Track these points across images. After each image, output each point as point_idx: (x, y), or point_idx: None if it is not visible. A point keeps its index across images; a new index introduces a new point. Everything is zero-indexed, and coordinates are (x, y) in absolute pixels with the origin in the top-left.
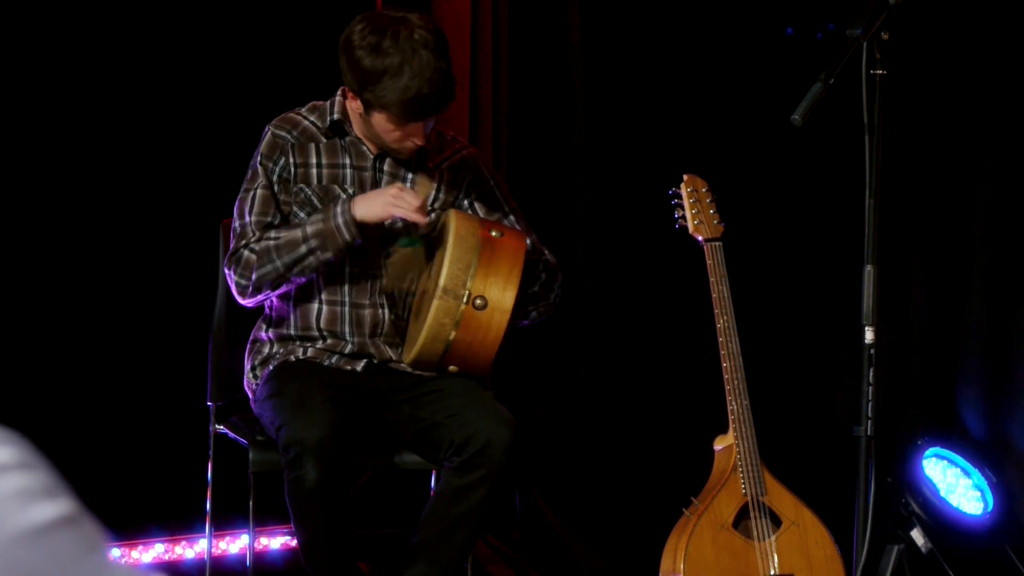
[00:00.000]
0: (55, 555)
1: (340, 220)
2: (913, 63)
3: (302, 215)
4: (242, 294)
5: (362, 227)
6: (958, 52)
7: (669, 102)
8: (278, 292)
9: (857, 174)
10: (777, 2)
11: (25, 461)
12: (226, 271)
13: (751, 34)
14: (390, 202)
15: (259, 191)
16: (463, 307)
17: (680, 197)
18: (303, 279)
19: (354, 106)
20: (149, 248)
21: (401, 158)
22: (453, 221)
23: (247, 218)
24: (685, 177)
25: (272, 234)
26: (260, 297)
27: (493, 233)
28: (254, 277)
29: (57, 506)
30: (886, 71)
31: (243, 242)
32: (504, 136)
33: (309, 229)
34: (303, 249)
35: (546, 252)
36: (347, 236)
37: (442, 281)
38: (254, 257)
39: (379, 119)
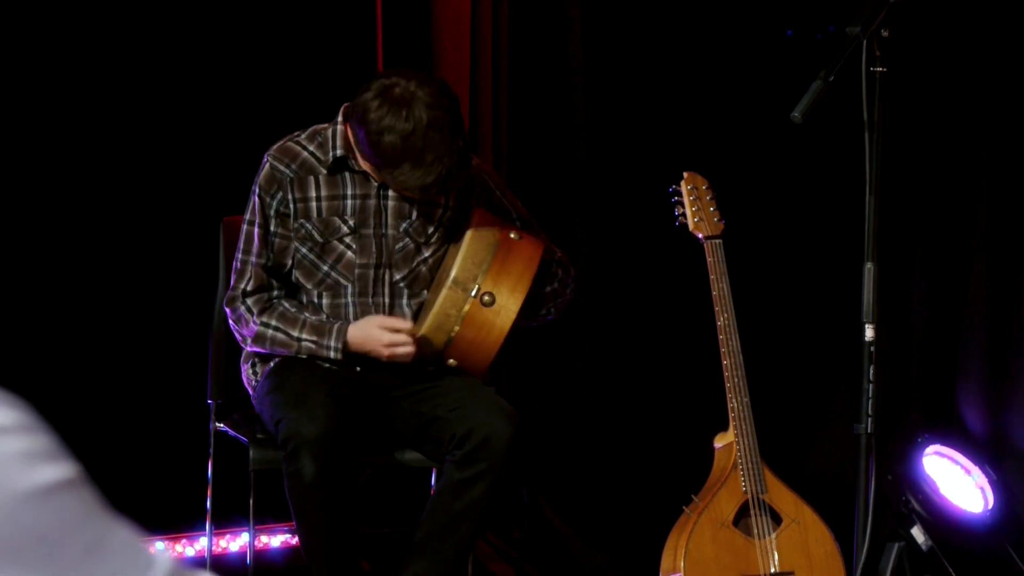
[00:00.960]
0: (59, 516)
1: (333, 353)
2: (913, 60)
3: (303, 250)
4: (237, 340)
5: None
6: (958, 49)
7: (669, 100)
8: None
9: (857, 171)
10: (778, 1)
11: (27, 424)
12: (226, 310)
13: (752, 32)
14: (384, 354)
15: (256, 230)
16: (471, 300)
17: (680, 195)
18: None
19: (366, 165)
20: (150, 246)
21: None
22: (475, 217)
23: (248, 256)
24: (685, 175)
25: (272, 322)
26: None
27: (512, 235)
28: (248, 342)
29: (60, 468)
30: (886, 68)
31: (241, 286)
32: (504, 134)
33: (304, 344)
34: (292, 350)
35: (557, 251)
36: (333, 357)
37: (454, 272)
38: (252, 328)
39: (394, 184)
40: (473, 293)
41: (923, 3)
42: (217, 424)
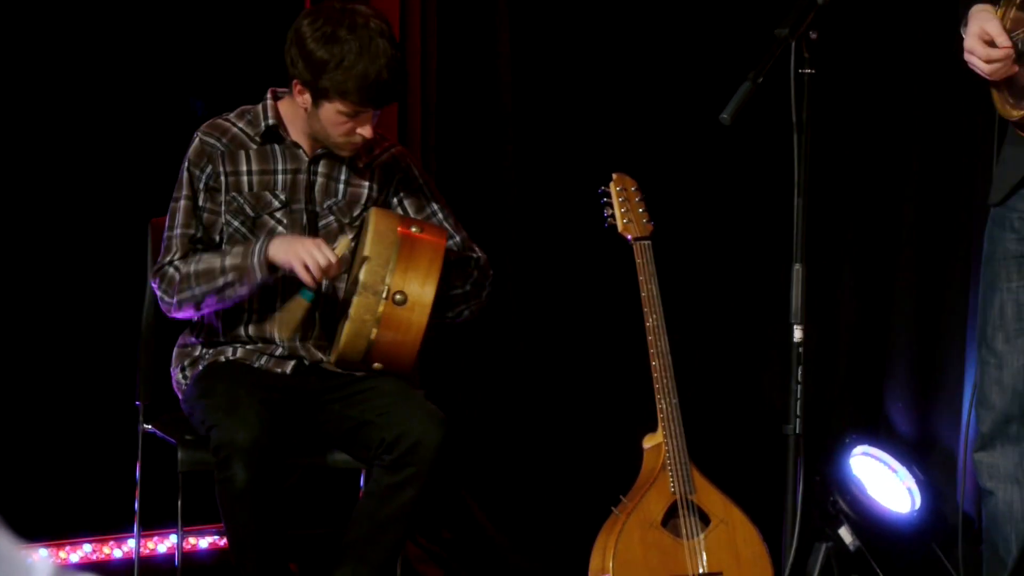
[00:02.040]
0: None
1: (255, 260)
2: (842, 61)
3: (235, 223)
4: (166, 311)
5: (274, 267)
6: (886, 50)
7: (598, 101)
8: (203, 312)
9: (786, 173)
10: (707, 2)
11: None
12: (152, 283)
13: (680, 32)
14: (299, 256)
15: (183, 203)
16: (383, 303)
17: (609, 196)
18: (225, 304)
19: (300, 100)
20: (78, 247)
21: (343, 154)
22: (372, 218)
23: (173, 231)
24: (614, 176)
25: (194, 260)
26: (183, 315)
27: (413, 229)
28: (175, 299)
29: None
30: (814, 70)
31: (168, 258)
32: (432, 134)
33: (228, 262)
34: (220, 281)
35: (476, 249)
36: (258, 275)
37: (361, 277)
38: (177, 277)
39: (329, 111)
40: (384, 295)
41: (851, 5)
42: (145, 425)
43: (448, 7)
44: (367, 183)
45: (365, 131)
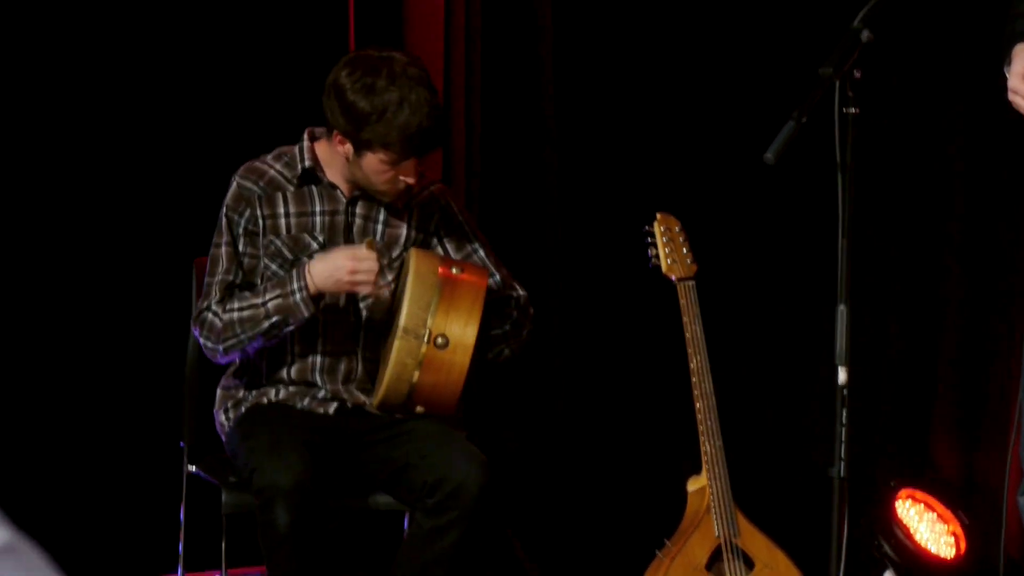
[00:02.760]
0: None
1: (299, 297)
2: (886, 100)
3: (273, 267)
4: (211, 357)
5: (320, 298)
6: (931, 89)
7: (642, 140)
8: (249, 354)
9: (830, 212)
10: (753, 42)
11: (10, 546)
12: (194, 330)
13: (723, 72)
14: (347, 280)
15: (224, 248)
16: (425, 346)
17: (653, 236)
18: (272, 343)
19: (342, 150)
20: (122, 288)
21: (386, 200)
22: (412, 260)
23: (214, 277)
24: (658, 216)
25: (236, 304)
26: (229, 359)
27: (453, 270)
28: (221, 347)
29: None
30: (859, 109)
31: (206, 303)
32: (477, 172)
33: (270, 304)
34: (265, 325)
35: (517, 287)
36: (306, 313)
37: (402, 321)
38: (219, 324)
39: (372, 161)
40: (426, 338)
41: (896, 43)
42: (190, 467)
43: (492, 47)
44: (405, 223)
45: (409, 179)
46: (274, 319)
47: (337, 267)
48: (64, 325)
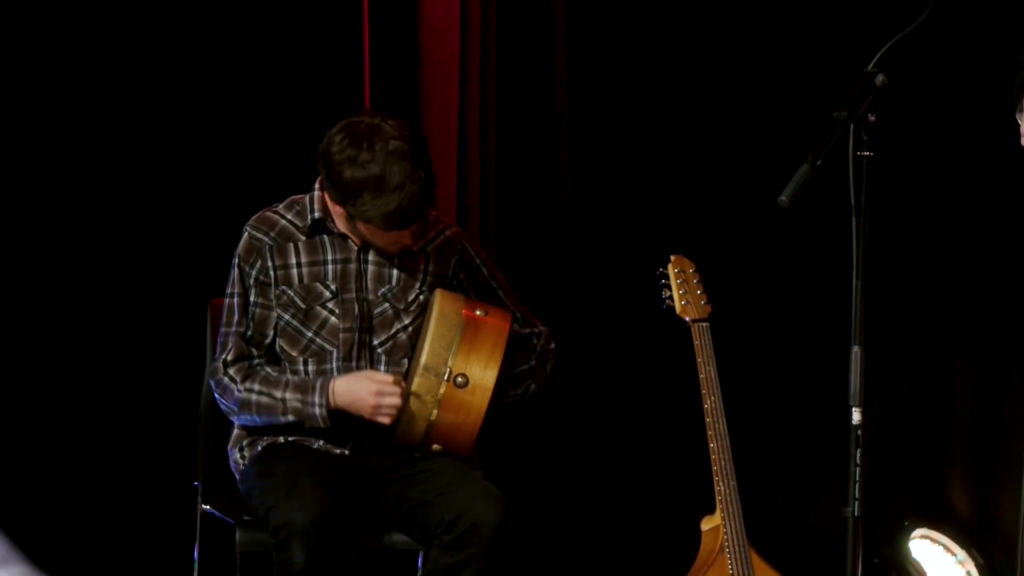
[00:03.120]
0: None
1: (317, 412)
2: (901, 143)
3: (287, 317)
4: (226, 414)
5: (337, 412)
6: (945, 132)
7: (658, 182)
8: None
9: (845, 254)
10: (768, 84)
11: (2, 557)
12: (209, 382)
13: (736, 115)
14: (368, 411)
15: (236, 300)
16: (444, 385)
17: (667, 277)
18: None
19: (335, 211)
20: (139, 327)
21: (392, 253)
22: (437, 299)
23: (229, 328)
24: (672, 258)
25: (256, 387)
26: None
27: (477, 312)
28: (236, 416)
29: (10, 573)
30: (873, 152)
31: (223, 356)
32: (492, 214)
33: (289, 405)
34: (281, 419)
35: (538, 323)
36: (321, 424)
37: (423, 359)
38: (237, 396)
39: (364, 228)
40: (446, 377)
41: (911, 87)
42: (204, 506)
43: (507, 88)
44: (422, 267)
45: (405, 240)
46: (290, 417)
47: (360, 397)
48: (81, 364)
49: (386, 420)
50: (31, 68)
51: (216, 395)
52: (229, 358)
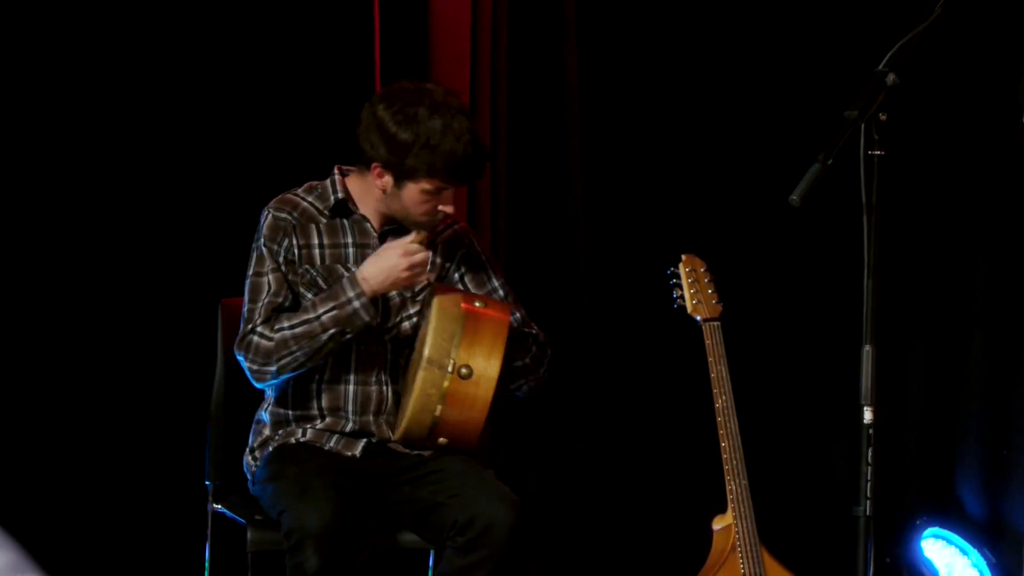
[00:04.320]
0: None
1: (357, 304)
2: (911, 142)
3: (309, 296)
4: (260, 380)
5: (378, 301)
6: (956, 131)
7: (668, 181)
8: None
9: (856, 253)
10: (779, 83)
11: (16, 566)
12: (238, 356)
13: (748, 113)
14: (404, 276)
15: (270, 276)
16: (449, 376)
17: (678, 277)
18: (323, 360)
19: (380, 183)
20: (148, 326)
21: (424, 230)
22: (437, 295)
23: (257, 303)
24: (683, 257)
25: (285, 323)
26: (279, 381)
27: (476, 304)
28: (274, 368)
29: None
30: (884, 152)
31: (250, 326)
32: (502, 213)
33: (325, 317)
34: (323, 337)
35: (535, 328)
36: (367, 318)
37: (427, 352)
38: (270, 345)
39: (413, 191)
40: (450, 369)
41: (921, 85)
42: (215, 505)
43: (518, 85)
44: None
45: (447, 208)
46: (332, 331)
47: (392, 265)
48: (91, 364)
49: (422, 279)
50: (36, 66)
51: (246, 364)
52: (259, 324)
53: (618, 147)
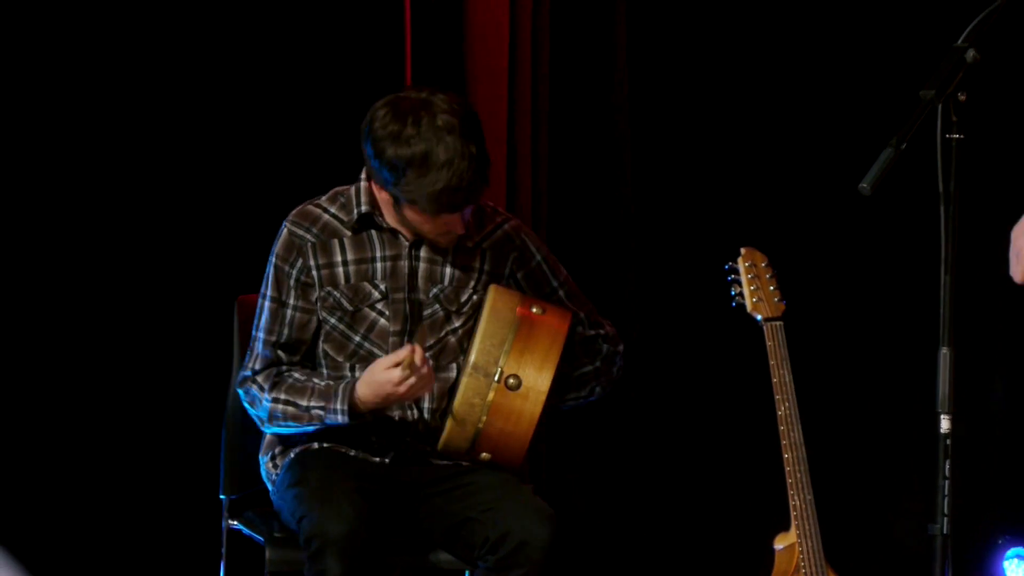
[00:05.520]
0: None
1: (340, 418)
2: (993, 124)
3: (332, 320)
4: (258, 426)
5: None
6: None
7: (726, 167)
8: None
9: (932, 247)
10: (847, 59)
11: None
12: (238, 391)
13: (815, 93)
14: (402, 394)
15: (268, 304)
16: (495, 386)
17: (737, 272)
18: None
19: (381, 197)
20: (161, 326)
21: (443, 246)
22: (491, 295)
23: (257, 333)
24: (743, 251)
25: (281, 396)
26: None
27: (534, 310)
28: (267, 427)
29: None
30: (963, 135)
31: (251, 364)
32: (544, 206)
33: (313, 412)
34: (310, 426)
35: (605, 324)
36: (345, 425)
37: (473, 357)
38: (264, 405)
39: (411, 213)
40: (496, 378)
41: (1005, 63)
42: (230, 521)
43: (560, 68)
44: (477, 265)
45: (455, 228)
46: (317, 425)
47: (381, 384)
48: (101, 367)
49: (426, 392)
50: (56, 63)
51: (246, 405)
52: (257, 367)
53: (670, 131)
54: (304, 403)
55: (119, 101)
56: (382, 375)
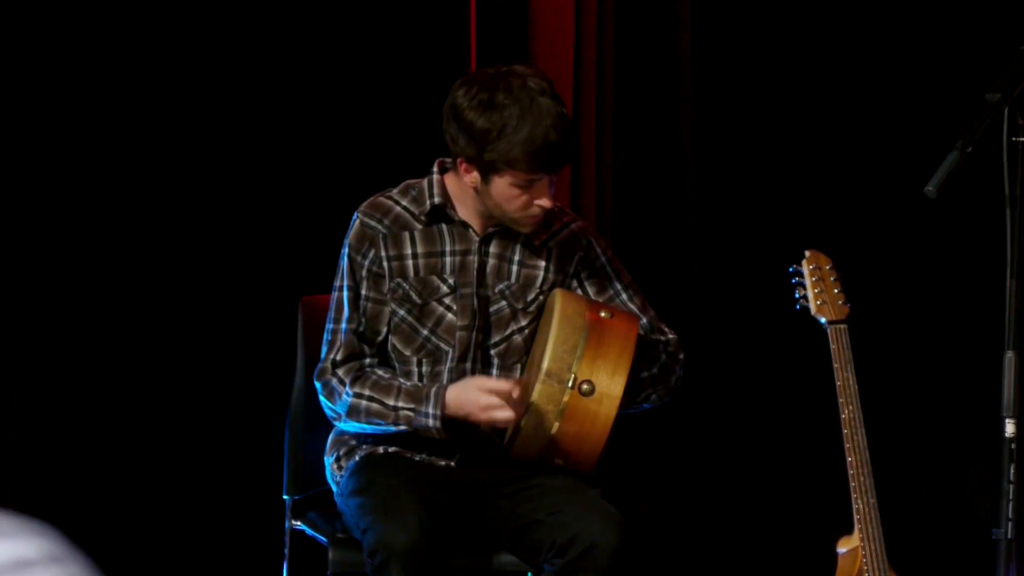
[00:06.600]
0: None
1: (430, 422)
2: None
3: (401, 312)
4: (331, 420)
5: (454, 423)
6: None
7: (790, 170)
8: None
9: (998, 251)
10: (913, 63)
11: (54, 555)
12: (316, 383)
13: (880, 96)
14: (483, 420)
15: (345, 293)
16: (568, 393)
17: (802, 275)
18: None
19: (468, 179)
20: (225, 327)
21: (525, 231)
22: (559, 300)
23: (338, 324)
24: (807, 253)
25: (365, 392)
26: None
27: (602, 314)
28: (344, 423)
29: (65, 571)
30: None
31: (332, 356)
32: (608, 204)
33: (401, 413)
34: (392, 428)
35: (667, 330)
36: (436, 436)
37: (546, 364)
38: (345, 399)
39: (501, 186)
40: (570, 384)
41: None
42: (293, 522)
43: (625, 70)
44: (543, 263)
45: (543, 201)
46: (403, 426)
47: (470, 409)
48: (163, 368)
49: (505, 425)
50: (116, 58)
51: (321, 397)
52: (338, 357)
53: (734, 132)
54: (391, 402)
55: (187, 101)
56: (474, 393)
